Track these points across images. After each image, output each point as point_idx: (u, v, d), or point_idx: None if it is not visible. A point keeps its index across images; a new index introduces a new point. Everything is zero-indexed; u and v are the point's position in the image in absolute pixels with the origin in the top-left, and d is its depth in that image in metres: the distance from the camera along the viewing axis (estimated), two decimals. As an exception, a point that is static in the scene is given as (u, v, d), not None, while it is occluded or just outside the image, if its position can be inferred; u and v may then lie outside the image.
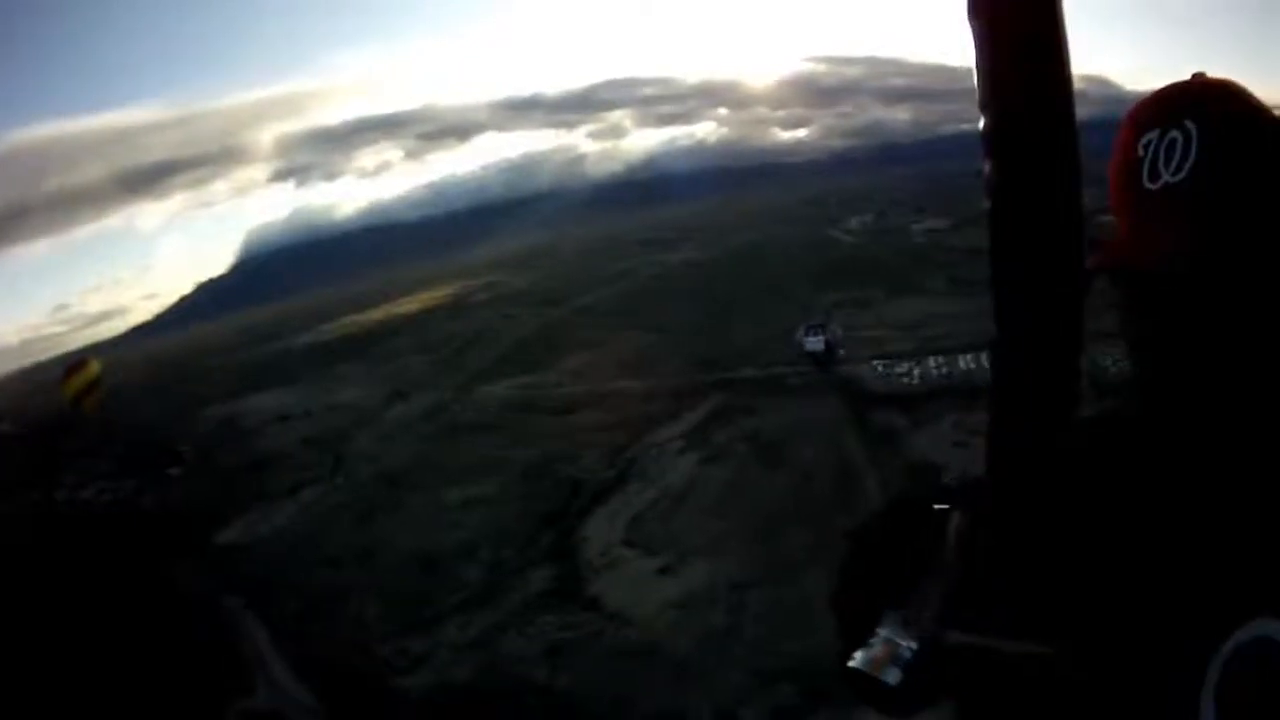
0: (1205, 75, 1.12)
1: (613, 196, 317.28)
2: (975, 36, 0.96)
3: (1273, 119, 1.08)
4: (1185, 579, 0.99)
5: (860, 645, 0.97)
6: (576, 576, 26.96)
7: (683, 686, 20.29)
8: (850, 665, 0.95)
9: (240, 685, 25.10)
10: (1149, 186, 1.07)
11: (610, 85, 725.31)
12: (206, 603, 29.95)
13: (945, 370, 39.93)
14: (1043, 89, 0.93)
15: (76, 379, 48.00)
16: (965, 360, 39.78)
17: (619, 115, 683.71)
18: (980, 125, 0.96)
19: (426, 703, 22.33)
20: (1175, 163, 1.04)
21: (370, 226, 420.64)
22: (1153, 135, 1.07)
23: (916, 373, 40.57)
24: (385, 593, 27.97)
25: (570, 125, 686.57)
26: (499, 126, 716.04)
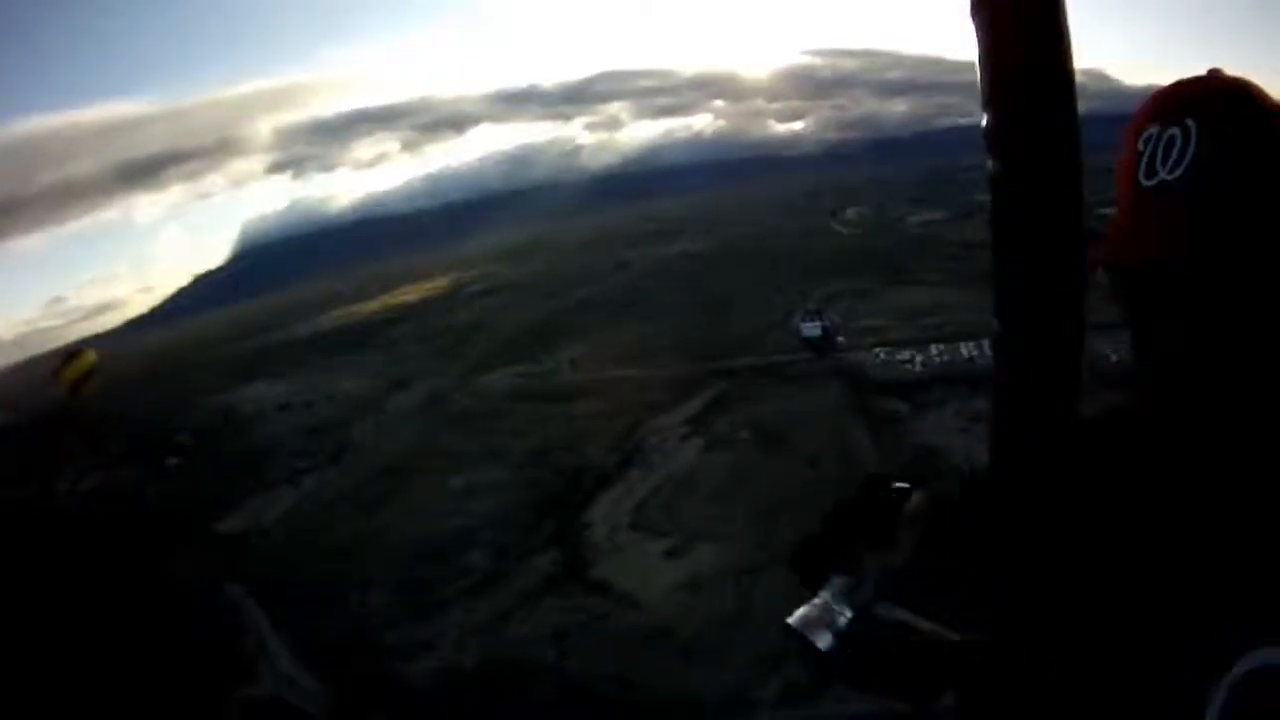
0: (1221, 72, 1.07)
1: (609, 188, 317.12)
2: (977, 33, 0.90)
3: None
4: (1190, 594, 0.95)
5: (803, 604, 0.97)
6: (582, 561, 26.92)
7: (693, 668, 20.29)
8: (788, 621, 0.96)
9: (242, 673, 25.02)
10: (1145, 183, 1.04)
11: (606, 77, 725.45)
12: (207, 591, 29.85)
13: (946, 357, 39.93)
14: (1045, 85, 0.88)
15: (72, 367, 47.92)
16: (967, 348, 39.81)
17: (615, 107, 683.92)
18: (983, 122, 0.92)
19: (434, 688, 22.25)
20: (1173, 161, 1.01)
21: (367, 218, 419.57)
22: (1153, 131, 1.04)
23: (918, 360, 40.58)
24: (389, 580, 27.88)
25: (567, 117, 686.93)
26: (495, 118, 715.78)
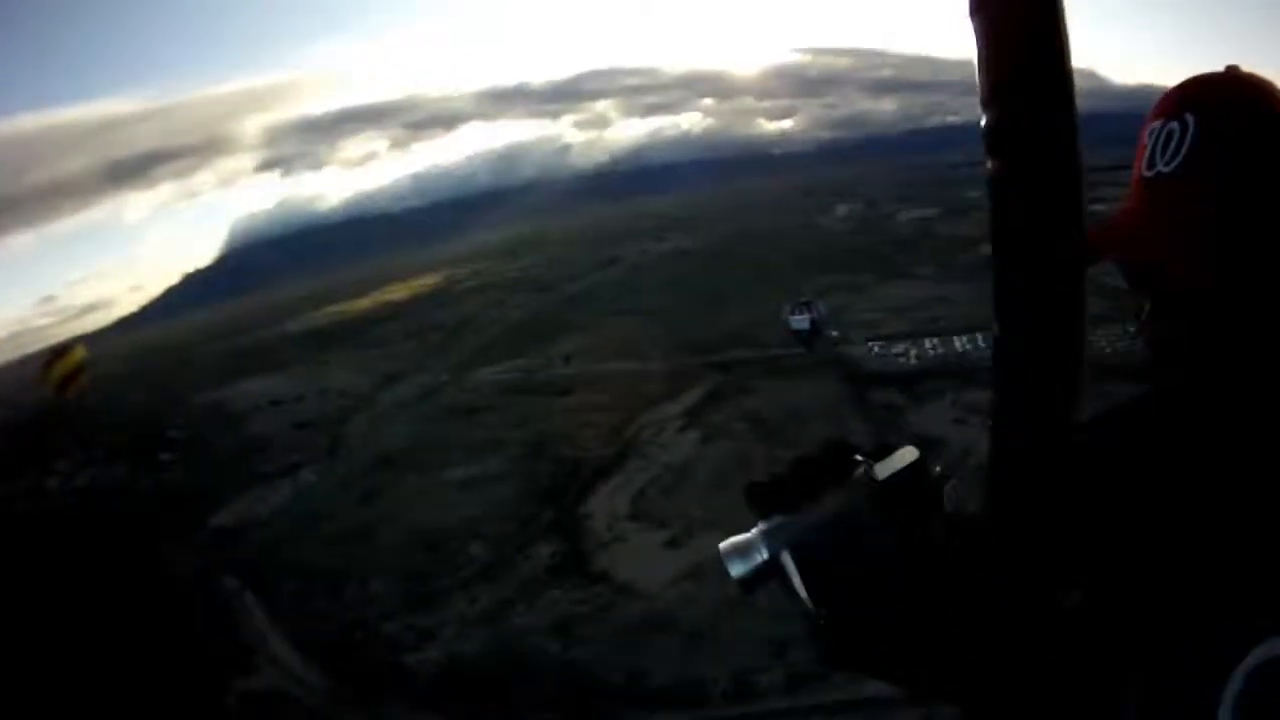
0: (1238, 69, 1.09)
1: (598, 187, 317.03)
2: (976, 33, 0.91)
3: None
4: (1204, 583, 0.96)
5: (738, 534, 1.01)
6: (582, 551, 26.90)
7: (698, 656, 20.30)
8: (720, 546, 1.00)
9: (241, 665, 24.88)
10: (1146, 175, 1.07)
11: (595, 75, 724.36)
12: (203, 585, 29.68)
13: (941, 350, 40.13)
14: (1045, 85, 0.89)
15: (61, 365, 47.35)
16: (961, 340, 40.05)
17: (604, 105, 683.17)
18: (982, 122, 0.93)
19: (437, 677, 22.19)
20: (1170, 153, 1.04)
21: (356, 217, 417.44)
22: (1156, 126, 1.07)
23: (913, 353, 40.74)
24: (388, 571, 27.77)
25: (555, 115, 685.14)
26: (484, 116, 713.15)
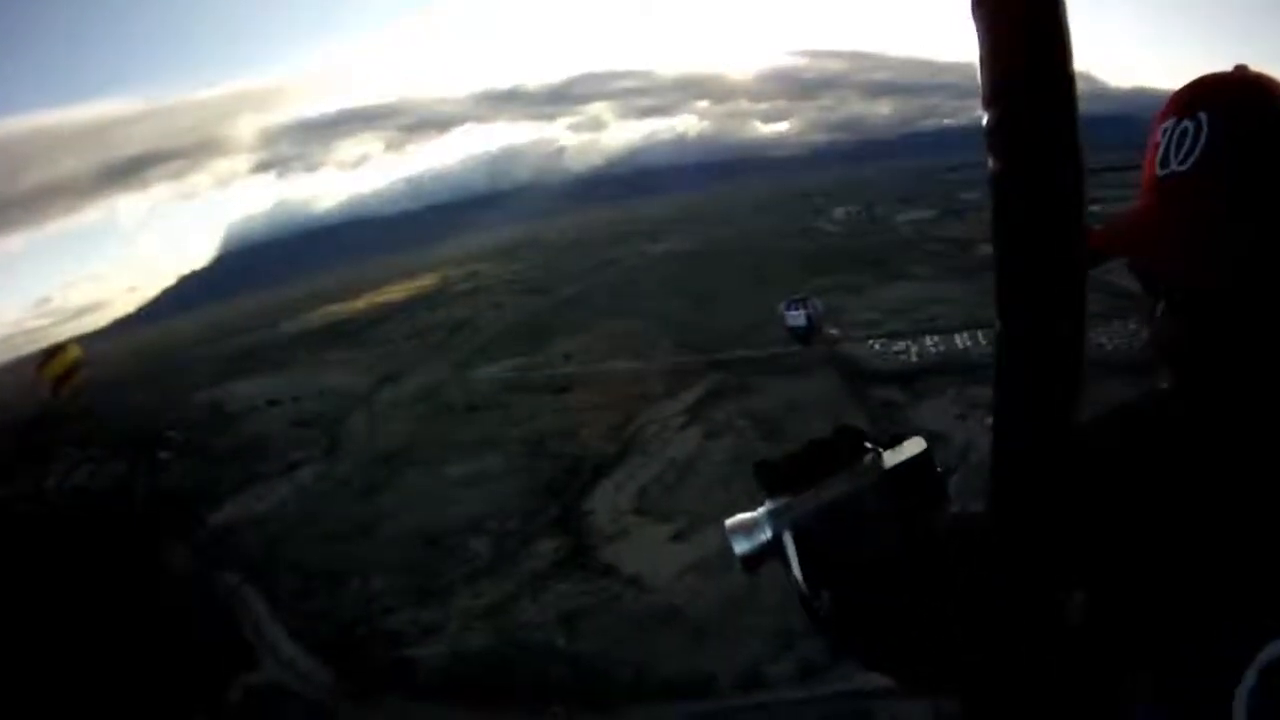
0: (1246, 68, 1.08)
1: (593, 190, 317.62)
2: (977, 32, 0.89)
3: None
4: (1217, 581, 0.95)
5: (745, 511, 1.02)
6: (587, 545, 26.84)
7: (707, 648, 20.25)
8: (725, 523, 1.01)
9: (243, 660, 24.76)
10: (1159, 173, 1.06)
11: (589, 78, 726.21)
12: (203, 581, 29.55)
13: (942, 348, 40.23)
14: (1046, 84, 0.87)
15: (55, 363, 47.19)
16: (961, 338, 40.20)
17: (598, 108, 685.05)
18: (984, 121, 0.91)
19: (442, 672, 22.09)
20: (1184, 152, 1.03)
21: (351, 219, 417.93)
22: (1169, 124, 1.06)
23: (913, 351, 40.84)
24: (390, 567, 27.66)
25: (549, 118, 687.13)
26: (478, 119, 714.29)
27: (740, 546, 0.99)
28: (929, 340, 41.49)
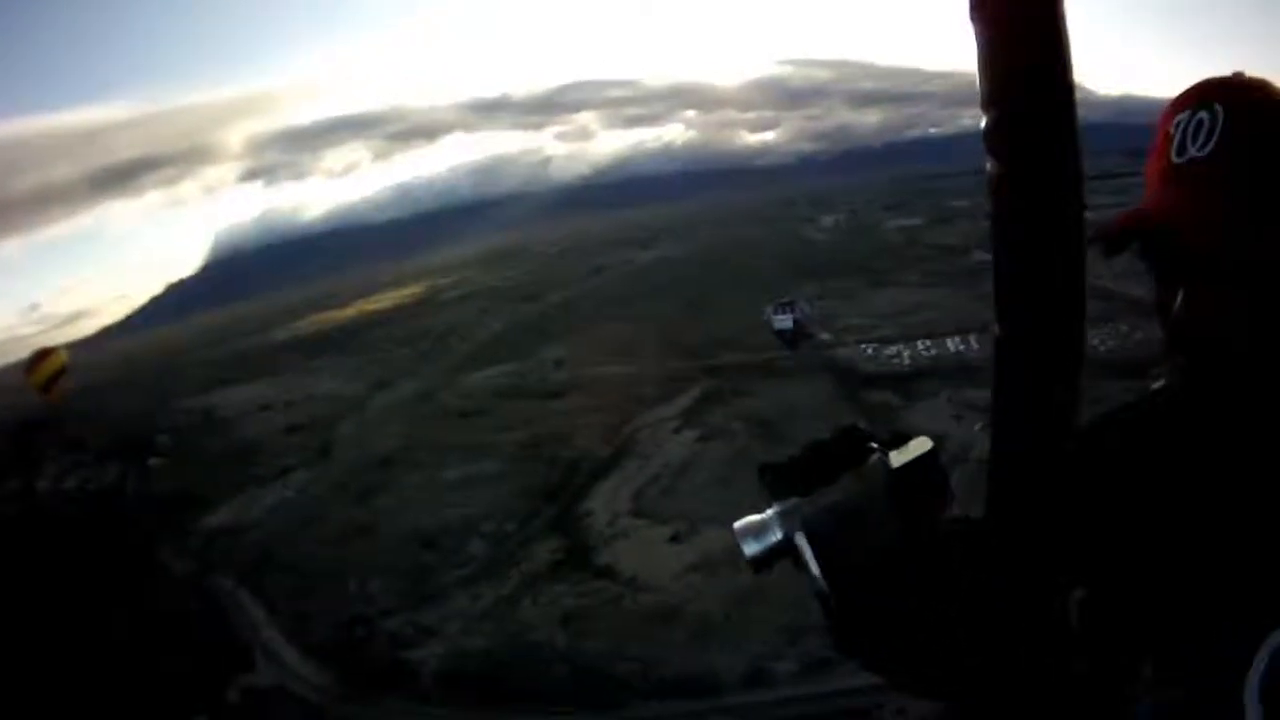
0: (1243, 74, 1.14)
1: (581, 198, 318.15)
2: (977, 35, 0.95)
3: None
4: (1228, 565, 0.97)
5: (755, 514, 1.01)
6: (585, 547, 26.79)
7: (710, 645, 20.23)
8: (734, 525, 1.01)
9: (240, 663, 24.55)
10: (1176, 161, 1.09)
11: (577, 87, 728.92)
12: (196, 584, 29.32)
13: (934, 351, 40.47)
14: (1045, 86, 0.93)
15: (44, 367, 46.70)
16: (953, 342, 40.44)
17: (586, 117, 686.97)
18: (982, 123, 0.97)
19: (441, 672, 21.97)
20: (1202, 139, 1.07)
21: (338, 228, 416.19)
22: (1183, 117, 1.10)
23: (906, 354, 41.09)
24: (387, 569, 27.48)
25: (537, 127, 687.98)
26: (466, 127, 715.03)
27: (750, 549, 0.99)
28: (921, 344, 41.73)
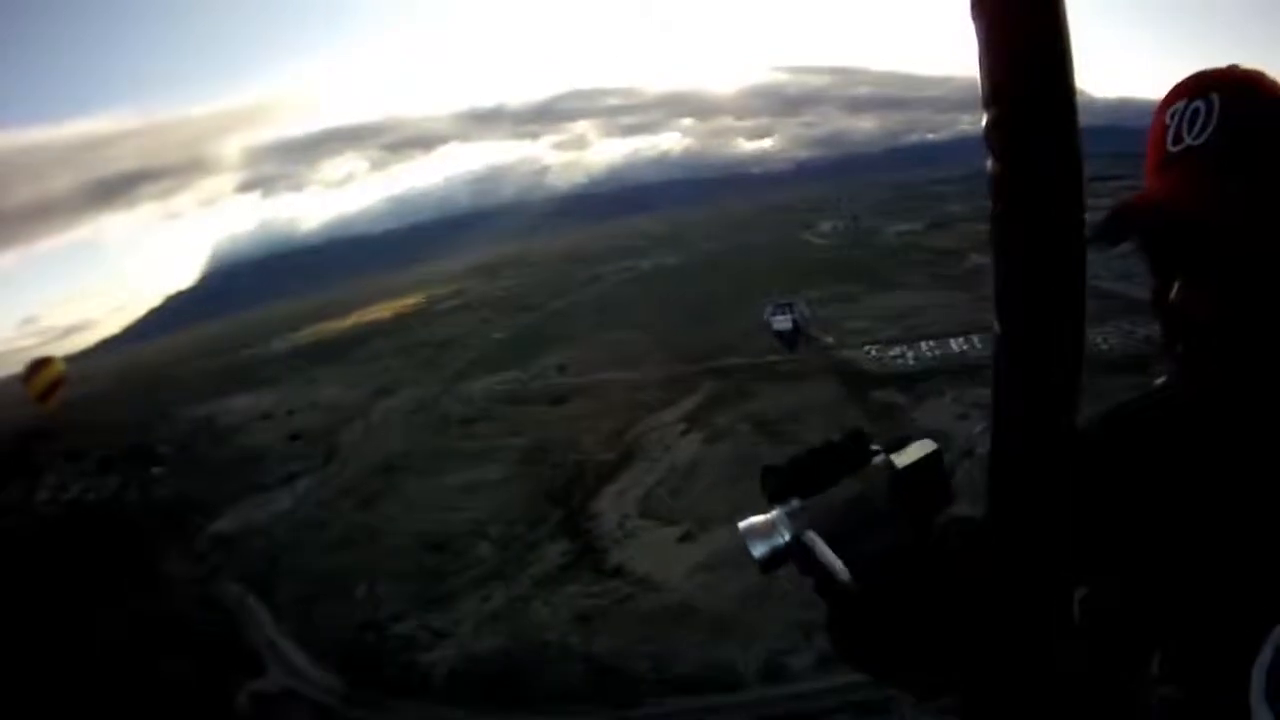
0: (1239, 67, 1.16)
1: (578, 207, 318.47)
2: (976, 33, 0.95)
3: None
4: (1234, 558, 0.98)
5: (759, 513, 1.03)
6: (595, 548, 26.74)
7: (725, 642, 20.16)
8: (739, 525, 1.01)
9: (249, 668, 24.47)
10: (1172, 149, 1.11)
11: (573, 96, 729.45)
12: (203, 590, 29.25)
13: (938, 352, 40.64)
14: (1045, 85, 0.92)
15: (41, 376, 46.75)
16: (956, 343, 40.58)
17: (582, 126, 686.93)
18: (982, 123, 0.96)
19: (454, 675, 21.88)
20: (1198, 127, 1.09)
21: (336, 238, 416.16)
22: (1179, 107, 1.12)
23: (910, 355, 41.26)
24: (396, 573, 27.43)
25: (534, 136, 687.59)
26: (463, 137, 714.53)
27: (758, 549, 1.00)
28: (924, 345, 41.91)
